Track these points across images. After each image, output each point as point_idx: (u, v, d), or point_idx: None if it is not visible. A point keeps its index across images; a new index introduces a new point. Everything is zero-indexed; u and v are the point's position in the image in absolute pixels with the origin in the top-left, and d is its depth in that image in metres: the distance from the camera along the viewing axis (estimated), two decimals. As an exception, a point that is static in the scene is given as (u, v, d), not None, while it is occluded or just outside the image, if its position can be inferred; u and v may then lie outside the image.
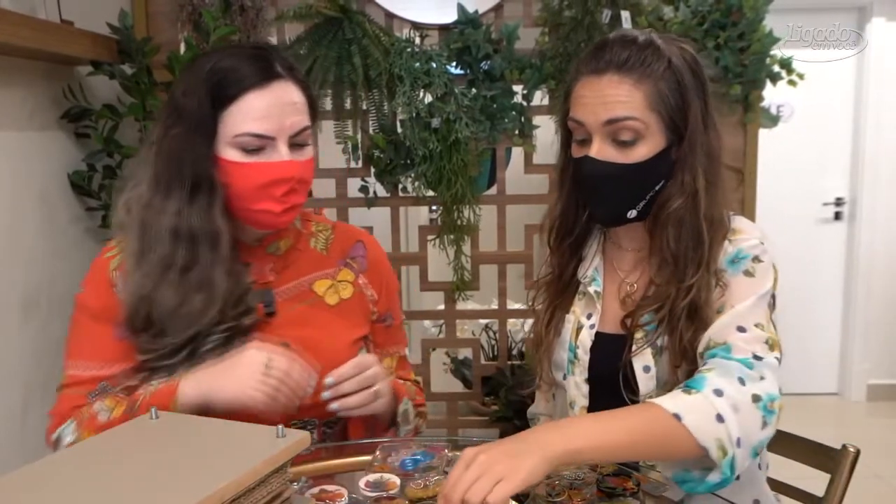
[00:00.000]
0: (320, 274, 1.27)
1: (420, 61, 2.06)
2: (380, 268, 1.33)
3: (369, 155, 2.16)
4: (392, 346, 1.36)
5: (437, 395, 2.30)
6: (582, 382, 1.22)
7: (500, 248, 2.23)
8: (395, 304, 1.36)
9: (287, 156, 1.10)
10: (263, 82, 1.08)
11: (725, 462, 0.96)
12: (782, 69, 2.13)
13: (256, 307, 1.16)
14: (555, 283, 1.32)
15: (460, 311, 2.28)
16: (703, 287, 1.12)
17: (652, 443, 0.96)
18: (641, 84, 1.12)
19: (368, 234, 1.37)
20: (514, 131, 2.12)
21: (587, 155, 1.14)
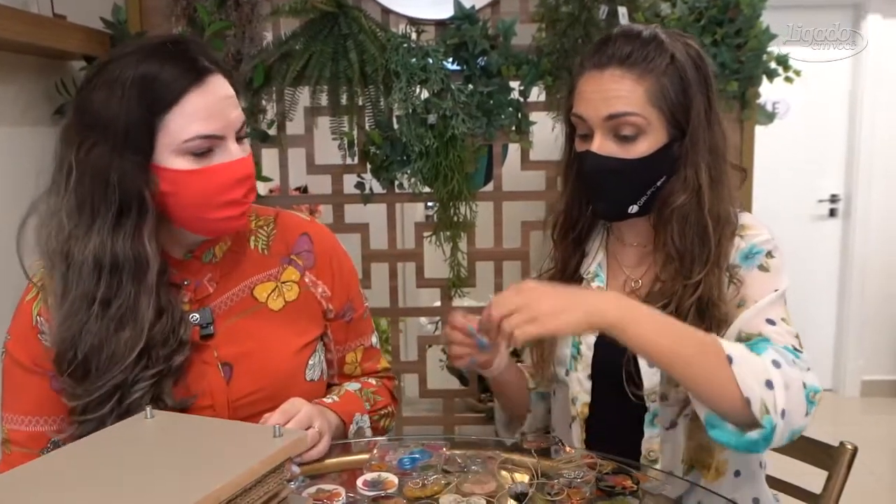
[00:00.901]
0: (262, 276, 1.17)
1: (416, 57, 2.05)
2: (330, 260, 1.22)
3: (365, 151, 2.14)
4: (355, 341, 1.28)
5: (433, 393, 2.29)
6: (585, 378, 1.21)
7: (497, 244, 2.22)
8: (354, 295, 1.26)
9: (239, 153, 1.02)
10: (199, 79, 0.99)
11: (767, 420, 0.95)
12: (779, 66, 2.12)
13: (188, 341, 1.06)
14: (557, 278, 1.31)
15: (456, 308, 2.26)
16: (713, 284, 1.12)
17: (693, 365, 0.97)
18: (643, 79, 1.11)
19: (314, 224, 1.26)
20: (510, 128, 2.11)
21: (589, 150, 1.14)
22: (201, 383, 1.07)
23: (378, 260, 2.22)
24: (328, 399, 1.15)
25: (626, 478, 0.92)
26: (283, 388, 1.10)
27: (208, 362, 1.08)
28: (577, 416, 1.22)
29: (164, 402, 1.01)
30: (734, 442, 0.98)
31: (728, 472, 1.18)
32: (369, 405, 1.21)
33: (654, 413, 1.16)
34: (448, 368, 2.55)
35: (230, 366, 1.09)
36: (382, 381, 1.31)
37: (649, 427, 1.17)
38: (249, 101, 2.11)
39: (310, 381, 1.16)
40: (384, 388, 1.30)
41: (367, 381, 1.27)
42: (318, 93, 2.11)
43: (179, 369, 1.04)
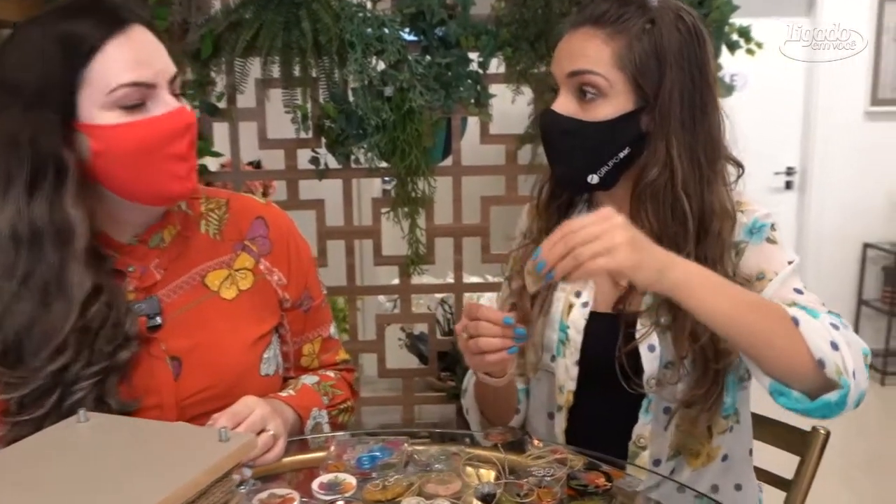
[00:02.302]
0: (213, 263, 1.08)
1: (372, 27, 1.98)
2: (287, 246, 1.14)
3: (320, 125, 2.07)
4: (312, 331, 1.20)
5: (392, 372, 2.24)
6: (572, 365, 1.15)
7: (456, 220, 2.17)
8: (312, 283, 1.19)
9: (176, 103, 0.93)
10: (119, 28, 0.91)
11: (844, 380, 0.90)
12: (741, 38, 2.10)
13: (135, 335, 0.97)
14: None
15: (415, 286, 2.22)
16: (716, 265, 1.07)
17: (762, 332, 0.91)
18: (613, 40, 1.05)
19: (270, 207, 1.18)
20: (469, 100, 2.05)
21: (549, 108, 1.09)
22: (148, 380, 0.99)
23: (334, 237, 2.16)
24: (284, 393, 1.09)
25: (598, 475, 0.88)
26: (236, 385, 1.03)
27: (156, 356, 1.00)
28: (562, 406, 1.17)
29: (108, 403, 0.93)
30: (806, 407, 0.92)
31: (717, 457, 1.15)
32: (327, 399, 1.15)
33: (650, 399, 1.11)
34: (407, 347, 2.51)
35: (179, 360, 1.01)
36: (341, 373, 1.24)
37: (644, 414, 1.12)
38: (198, 73, 2.02)
39: (265, 375, 1.09)
40: (343, 381, 1.23)
41: (325, 374, 1.20)
42: (269, 64, 2.03)
43: (124, 366, 0.96)
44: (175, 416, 0.99)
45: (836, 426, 3.63)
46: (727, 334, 0.93)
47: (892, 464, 3.45)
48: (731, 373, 1.10)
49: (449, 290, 2.28)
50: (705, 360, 1.07)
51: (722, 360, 1.07)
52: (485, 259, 2.16)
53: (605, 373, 1.10)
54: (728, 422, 1.13)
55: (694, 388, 1.08)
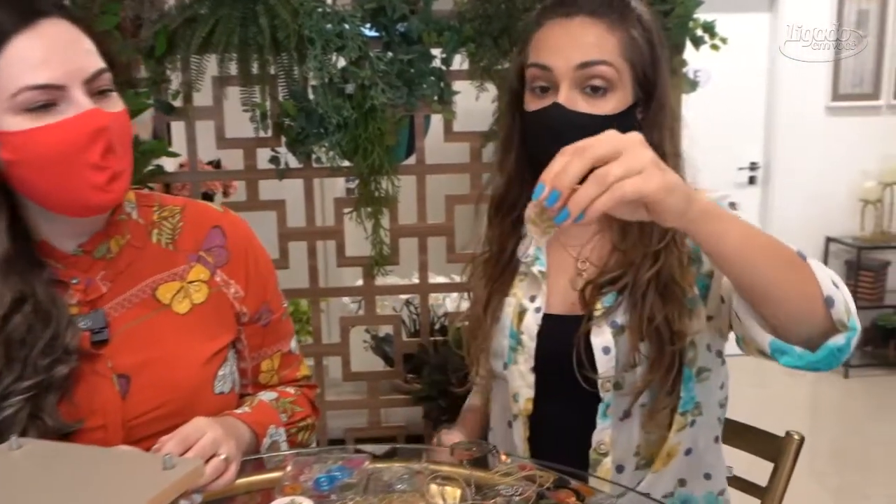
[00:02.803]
0: (166, 275, 1.03)
1: (332, 23, 1.92)
2: (245, 256, 1.09)
3: (279, 123, 2.01)
4: (272, 346, 1.15)
5: (357, 375, 2.20)
6: (527, 371, 1.13)
7: (421, 220, 2.13)
8: (272, 296, 1.14)
9: (89, 104, 0.87)
10: (27, 22, 0.85)
11: (852, 321, 0.85)
12: (705, 33, 2.08)
13: (75, 349, 0.91)
14: (492, 261, 1.21)
15: (380, 287, 2.17)
16: (674, 263, 1.05)
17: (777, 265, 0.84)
18: (615, 30, 1.04)
19: (228, 215, 1.12)
20: (432, 97, 2.01)
21: (556, 102, 1.03)
22: (92, 399, 0.93)
23: (296, 238, 2.10)
24: (239, 410, 1.04)
25: (569, 493, 0.85)
26: (188, 404, 0.98)
27: (101, 374, 0.94)
28: (519, 414, 1.14)
29: (44, 421, 0.87)
30: (811, 361, 0.87)
31: (679, 452, 1.12)
32: (286, 417, 1.10)
33: (608, 403, 1.09)
34: (372, 349, 2.46)
35: (127, 378, 0.96)
36: (302, 389, 1.19)
37: (602, 419, 1.09)
38: (153, 70, 1.95)
39: (219, 394, 1.04)
40: (304, 397, 1.18)
41: (284, 391, 1.15)
42: (226, 61, 1.96)
43: (64, 382, 0.90)
44: (122, 438, 0.94)
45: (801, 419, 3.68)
46: (742, 269, 0.84)
47: (857, 456, 3.48)
48: (688, 366, 1.08)
49: (414, 291, 2.24)
50: (661, 342, 1.05)
51: (678, 342, 1.05)
52: (450, 259, 2.13)
53: (562, 378, 1.07)
54: (688, 417, 1.11)
55: (650, 373, 1.05)
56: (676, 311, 1.05)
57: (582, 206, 0.73)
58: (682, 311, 1.06)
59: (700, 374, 1.11)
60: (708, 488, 1.16)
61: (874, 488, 3.21)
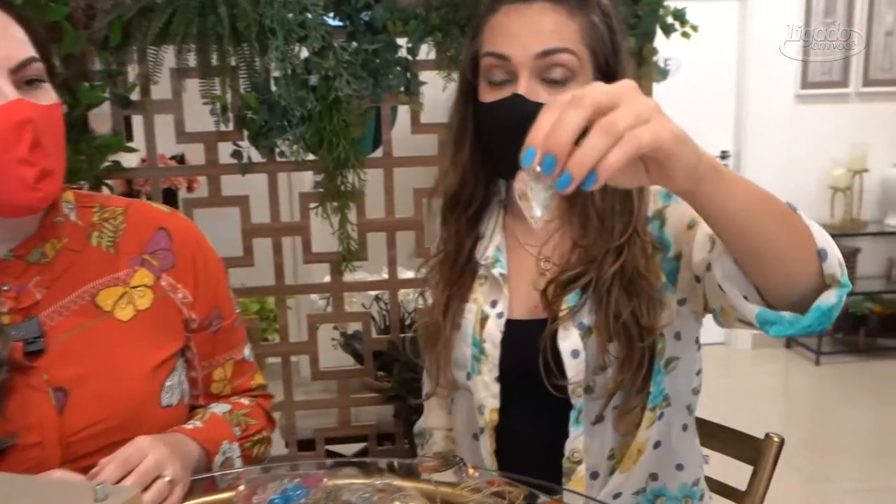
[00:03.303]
0: (106, 280, 0.97)
1: (293, 12, 1.86)
2: (193, 259, 1.03)
3: (241, 117, 1.95)
4: (223, 354, 1.09)
5: (326, 374, 2.15)
6: (492, 381, 1.07)
7: (389, 214, 2.08)
8: (223, 300, 1.08)
9: (14, 94, 0.82)
10: None
11: (845, 277, 0.80)
12: (676, 20, 2.05)
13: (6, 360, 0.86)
14: (449, 262, 1.15)
15: (348, 284, 2.12)
16: (637, 254, 1.01)
17: (781, 220, 0.77)
18: (575, 16, 0.99)
19: (175, 216, 1.06)
20: (399, 88, 1.95)
21: (515, 93, 0.98)
22: (27, 414, 0.87)
23: (260, 235, 2.04)
24: (189, 425, 0.98)
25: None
26: (132, 418, 0.92)
27: (36, 387, 0.88)
28: (485, 427, 1.09)
29: None
30: (803, 325, 0.80)
31: (648, 447, 1.08)
32: (240, 430, 1.04)
33: (580, 409, 1.04)
34: (342, 347, 2.41)
35: (65, 391, 0.89)
36: (257, 400, 1.13)
37: (574, 425, 1.04)
38: (107, 62, 1.88)
39: (167, 406, 0.98)
40: (259, 408, 1.12)
41: (238, 402, 1.10)
42: (184, 52, 1.90)
43: None
44: (60, 456, 0.88)
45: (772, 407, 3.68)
46: (746, 229, 0.76)
47: (829, 443, 3.50)
48: (657, 359, 1.05)
49: (383, 287, 2.20)
50: (629, 339, 1.01)
51: (647, 337, 1.01)
52: (419, 253, 2.08)
53: (529, 386, 1.03)
54: (657, 411, 1.07)
55: (620, 372, 1.01)
56: (644, 305, 1.01)
57: (589, 165, 0.61)
58: (650, 305, 1.02)
59: (668, 364, 1.07)
60: (681, 480, 1.13)
61: (845, 473, 3.23)
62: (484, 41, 1.02)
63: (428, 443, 1.28)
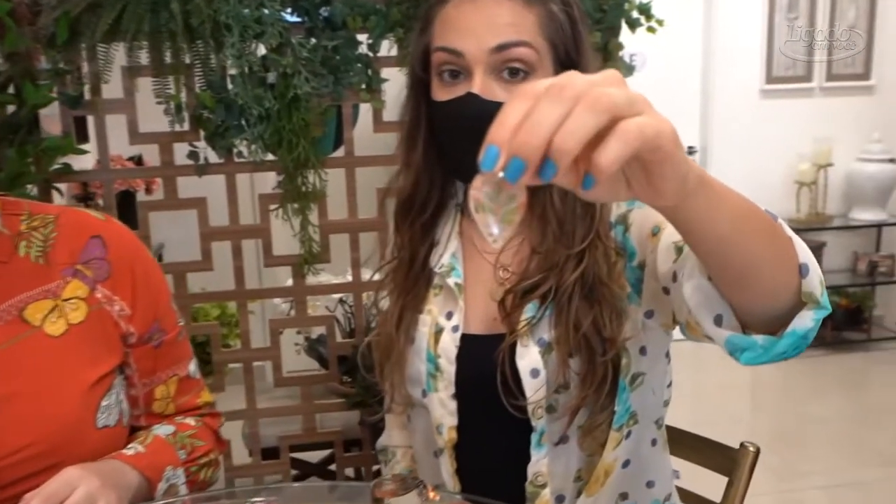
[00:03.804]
0: (36, 293, 0.91)
1: (250, 8, 1.80)
2: (130, 269, 0.98)
3: (197, 116, 1.89)
4: (166, 370, 1.03)
5: (290, 380, 2.09)
6: (448, 399, 1.01)
7: (351, 215, 2.02)
8: (164, 312, 1.03)
9: None
10: None
11: (825, 295, 0.71)
12: (641, 15, 2.02)
13: None
14: (402, 270, 1.09)
15: (311, 287, 2.06)
16: (599, 259, 0.95)
17: (767, 233, 0.69)
18: (532, 6, 0.92)
19: (111, 224, 1.00)
20: (360, 86, 1.90)
21: (470, 91, 0.92)
22: None
23: (219, 238, 1.98)
24: (129, 450, 0.92)
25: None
26: (65, 441, 0.86)
27: None
28: (444, 447, 1.03)
29: None
30: (776, 353, 0.72)
31: (616, 467, 1.03)
32: (185, 454, 0.98)
33: (542, 431, 0.98)
34: (306, 351, 2.36)
35: None
36: (204, 420, 1.07)
37: (536, 448, 0.98)
38: (54, 60, 1.81)
39: (103, 427, 0.91)
40: (206, 429, 1.06)
41: (183, 423, 1.04)
42: (136, 49, 1.83)
43: None
44: None
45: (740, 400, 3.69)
46: (728, 248, 0.67)
47: (796, 436, 3.51)
48: (621, 376, 0.99)
49: (347, 290, 2.14)
50: (591, 353, 0.95)
51: (610, 350, 0.96)
52: (383, 255, 2.03)
53: (488, 404, 0.97)
54: (623, 430, 1.01)
55: (582, 389, 0.96)
56: (606, 314, 0.95)
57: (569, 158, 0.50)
58: (613, 315, 0.96)
59: (634, 381, 1.01)
60: (653, 496, 1.08)
61: (813, 466, 3.24)
62: (435, 35, 0.97)
63: (390, 462, 1.23)
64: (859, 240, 4.73)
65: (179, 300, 1.98)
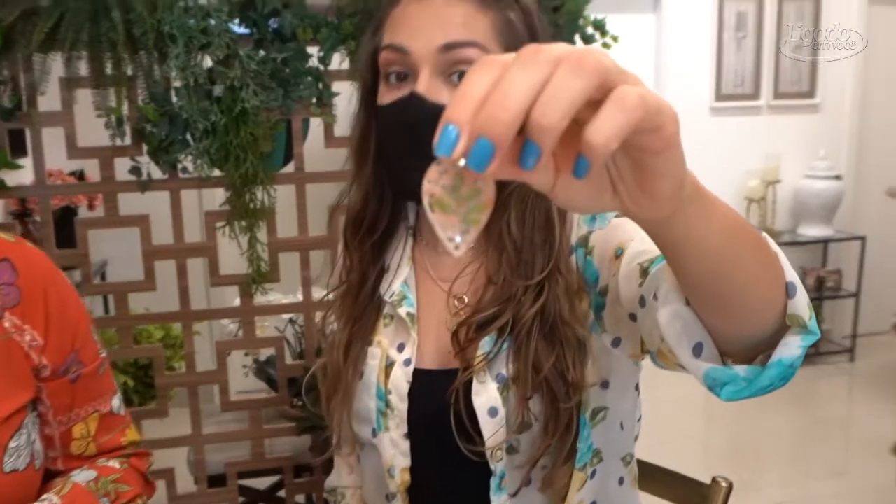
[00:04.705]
0: None
1: (195, 18, 1.74)
2: (43, 296, 0.89)
3: (139, 130, 1.81)
4: (84, 406, 0.94)
5: (237, 404, 2.01)
6: (400, 438, 0.94)
7: (302, 233, 1.96)
8: (83, 342, 0.94)
9: None
10: None
11: (812, 323, 0.62)
12: (596, 31, 2.00)
13: None
14: (351, 297, 1.01)
15: (259, 307, 1.99)
16: (559, 295, 0.88)
17: (756, 248, 0.60)
18: (487, 9, 0.86)
19: (22, 246, 0.91)
20: (310, 100, 1.85)
21: (412, 91, 0.85)
22: None
23: (163, 257, 1.90)
24: (44, 501, 0.85)
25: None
26: None
27: None
28: (397, 491, 0.95)
29: None
30: (760, 387, 0.63)
31: None
32: (108, 501, 0.90)
33: (502, 474, 0.91)
34: (255, 374, 2.28)
35: None
36: (130, 461, 0.99)
37: (496, 493, 0.91)
38: (-15, 71, 1.72)
39: (11, 472, 0.83)
40: (132, 471, 0.97)
41: (106, 466, 0.95)
42: (74, 60, 1.75)
43: None
44: None
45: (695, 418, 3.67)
46: (716, 265, 0.58)
47: (751, 451, 3.53)
48: (581, 413, 0.92)
49: (297, 310, 2.07)
50: (553, 398, 0.88)
51: (574, 395, 0.88)
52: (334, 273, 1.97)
53: (443, 445, 0.90)
54: (587, 470, 0.94)
55: (545, 436, 0.88)
56: (569, 357, 0.88)
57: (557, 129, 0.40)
58: (576, 358, 0.89)
59: (595, 416, 0.94)
60: None
61: (768, 480, 3.25)
62: (384, 35, 0.91)
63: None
64: (807, 255, 4.80)
65: (121, 321, 1.90)
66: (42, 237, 1.84)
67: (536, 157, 0.41)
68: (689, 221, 0.53)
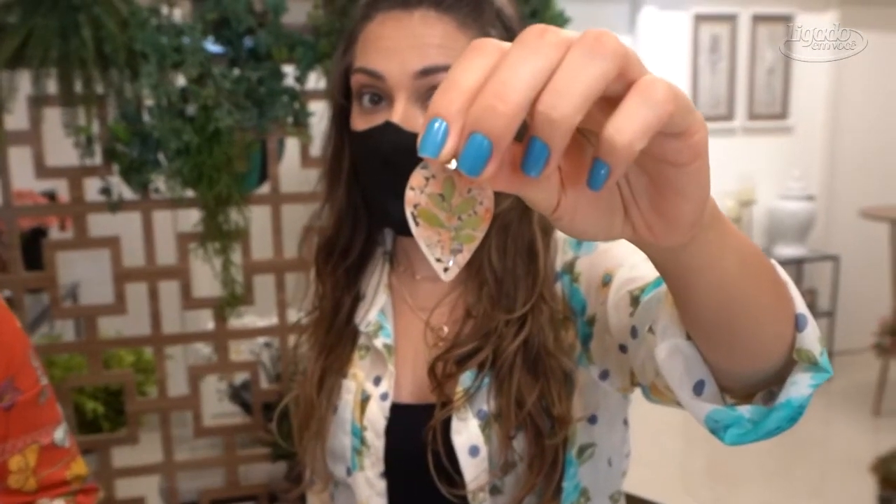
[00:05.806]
0: None
1: (168, 35, 1.71)
2: None
3: (110, 149, 1.77)
4: (22, 437, 0.88)
5: (211, 431, 1.96)
6: (376, 478, 0.88)
7: (277, 254, 1.92)
8: (19, 368, 0.87)
9: None
10: None
11: (824, 358, 0.54)
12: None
13: None
14: (324, 325, 0.95)
15: (233, 331, 1.95)
16: (543, 325, 0.83)
17: (765, 269, 0.52)
18: (467, 28, 0.80)
19: None
20: (286, 119, 1.82)
21: (388, 121, 0.80)
22: None
23: (134, 279, 1.85)
24: None
25: None
26: None
27: None
28: None
29: None
30: (767, 430, 0.55)
31: None
32: None
33: None
34: (229, 398, 2.22)
35: None
36: (76, 498, 0.92)
37: None
38: (-49, 89, 1.67)
39: None
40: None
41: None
42: (43, 78, 1.71)
43: None
44: None
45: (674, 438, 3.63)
46: (728, 297, 0.51)
47: (729, 469, 3.51)
48: (567, 450, 0.87)
49: (272, 333, 2.03)
50: (538, 434, 0.83)
51: (560, 431, 0.84)
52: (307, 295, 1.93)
53: (422, 483, 0.84)
54: None
55: (531, 475, 0.83)
56: (554, 391, 0.83)
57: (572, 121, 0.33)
58: (561, 391, 0.84)
59: (582, 453, 0.90)
60: None
61: (746, 500, 3.23)
62: (356, 55, 0.85)
63: None
64: (782, 275, 4.82)
65: (91, 346, 1.85)
66: (9, 260, 1.78)
67: (544, 159, 0.34)
68: (705, 249, 0.46)
